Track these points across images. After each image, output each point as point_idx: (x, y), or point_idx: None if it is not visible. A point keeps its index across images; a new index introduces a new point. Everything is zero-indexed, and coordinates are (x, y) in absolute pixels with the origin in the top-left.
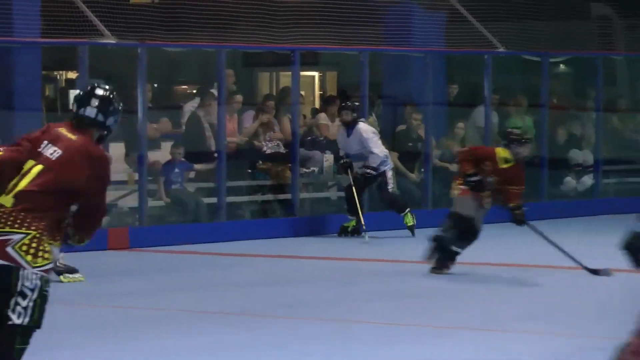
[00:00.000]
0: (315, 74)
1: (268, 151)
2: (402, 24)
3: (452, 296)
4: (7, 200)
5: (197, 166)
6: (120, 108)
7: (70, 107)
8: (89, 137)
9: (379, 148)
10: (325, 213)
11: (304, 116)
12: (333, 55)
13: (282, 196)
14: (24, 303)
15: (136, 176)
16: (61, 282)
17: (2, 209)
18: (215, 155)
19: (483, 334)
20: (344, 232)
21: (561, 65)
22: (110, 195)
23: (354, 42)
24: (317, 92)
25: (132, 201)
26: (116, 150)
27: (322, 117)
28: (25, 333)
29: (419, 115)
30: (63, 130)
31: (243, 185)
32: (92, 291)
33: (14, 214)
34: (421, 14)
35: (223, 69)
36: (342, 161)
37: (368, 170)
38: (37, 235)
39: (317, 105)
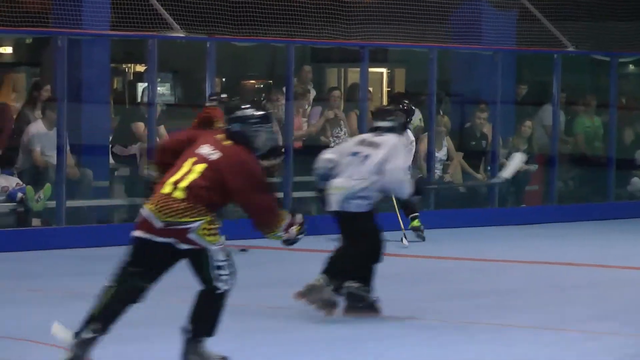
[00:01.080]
0: (384, 70)
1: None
2: (472, 21)
3: (520, 295)
4: (179, 192)
5: (264, 161)
6: (258, 118)
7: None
8: (242, 147)
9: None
10: (393, 211)
11: (372, 113)
12: (402, 52)
13: None
14: (225, 272)
15: None
16: None
17: (177, 202)
18: (283, 150)
19: (556, 334)
20: None
21: (630, 65)
22: None
23: (423, 39)
24: (385, 89)
25: None
26: None
27: None
28: (227, 295)
29: (484, 113)
30: (219, 137)
31: (310, 180)
32: (168, 284)
33: (189, 206)
34: (491, 12)
35: (292, 64)
36: None
37: None
38: (211, 219)
39: (384, 102)
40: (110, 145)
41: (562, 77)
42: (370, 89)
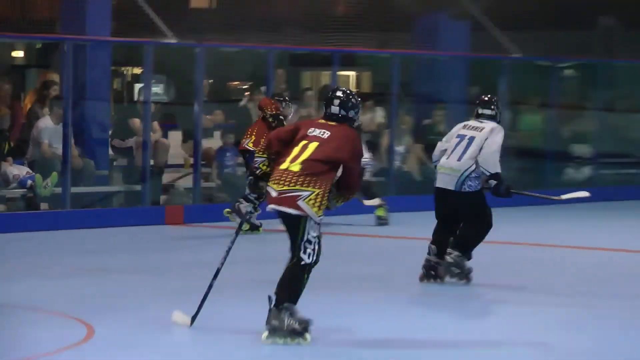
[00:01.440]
0: (352, 73)
1: None
2: (430, 30)
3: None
4: (295, 166)
5: None
6: (358, 103)
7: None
8: (346, 125)
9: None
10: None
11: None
12: (368, 57)
13: None
14: (312, 247)
15: (191, 160)
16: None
17: (291, 174)
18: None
19: (509, 307)
20: None
21: (569, 70)
22: (168, 177)
23: (387, 45)
24: (353, 90)
25: (187, 182)
26: (174, 137)
27: None
28: (310, 269)
29: (441, 112)
30: (322, 121)
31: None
32: (158, 262)
33: (302, 177)
34: (448, 22)
35: (272, 68)
36: None
37: None
38: (321, 193)
39: None
40: (110, 139)
41: (508, 79)
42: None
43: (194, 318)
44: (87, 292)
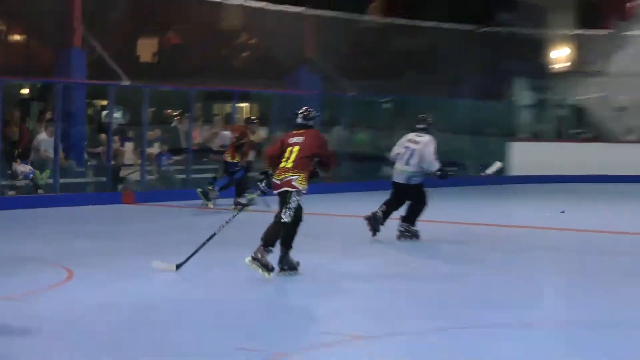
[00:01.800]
0: (246, 105)
1: (215, 149)
2: (296, 78)
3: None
4: (289, 164)
5: (175, 157)
6: (314, 115)
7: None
8: (312, 129)
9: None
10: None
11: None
12: (257, 95)
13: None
14: (290, 212)
15: (139, 162)
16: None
17: (287, 168)
18: (186, 150)
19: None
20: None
21: (386, 103)
22: (124, 172)
23: (269, 87)
24: (245, 116)
25: (136, 176)
26: (128, 146)
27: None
28: (285, 227)
29: None
30: (295, 132)
31: (203, 168)
32: (125, 229)
33: (293, 169)
34: (307, 74)
35: (192, 102)
36: None
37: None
38: (305, 175)
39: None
40: (85, 147)
41: (347, 110)
42: (238, 116)
43: (179, 265)
44: (69, 248)
